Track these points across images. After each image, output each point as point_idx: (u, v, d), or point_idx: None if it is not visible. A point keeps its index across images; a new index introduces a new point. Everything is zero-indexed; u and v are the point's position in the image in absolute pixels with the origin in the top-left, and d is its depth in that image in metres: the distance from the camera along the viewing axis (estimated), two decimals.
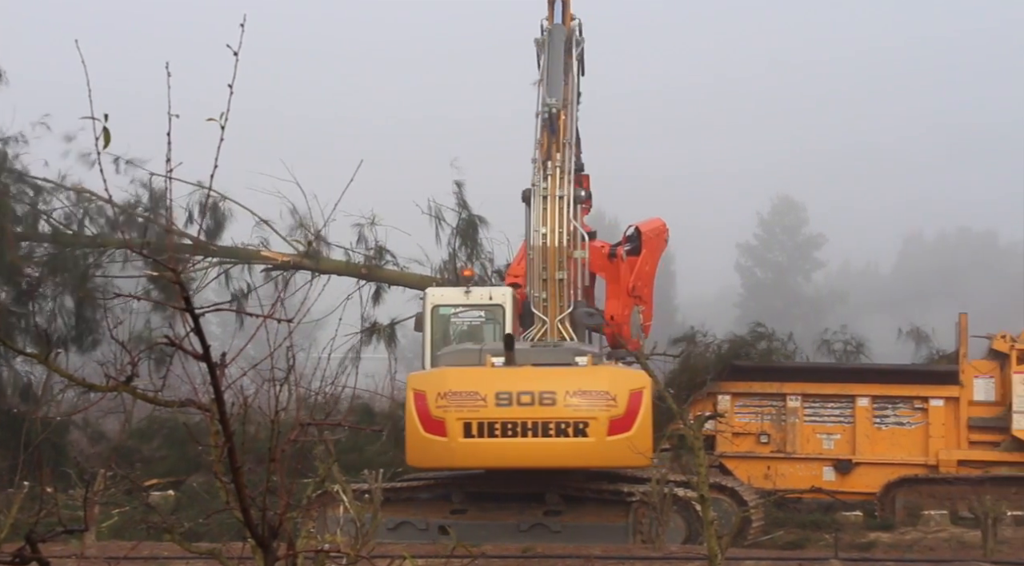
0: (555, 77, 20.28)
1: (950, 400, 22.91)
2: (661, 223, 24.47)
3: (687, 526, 17.55)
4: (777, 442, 23.36)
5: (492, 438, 16.54)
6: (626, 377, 16.73)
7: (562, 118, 19.54)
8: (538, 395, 16.49)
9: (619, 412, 16.33)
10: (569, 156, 19.26)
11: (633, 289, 23.03)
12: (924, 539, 19.16)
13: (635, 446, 16.04)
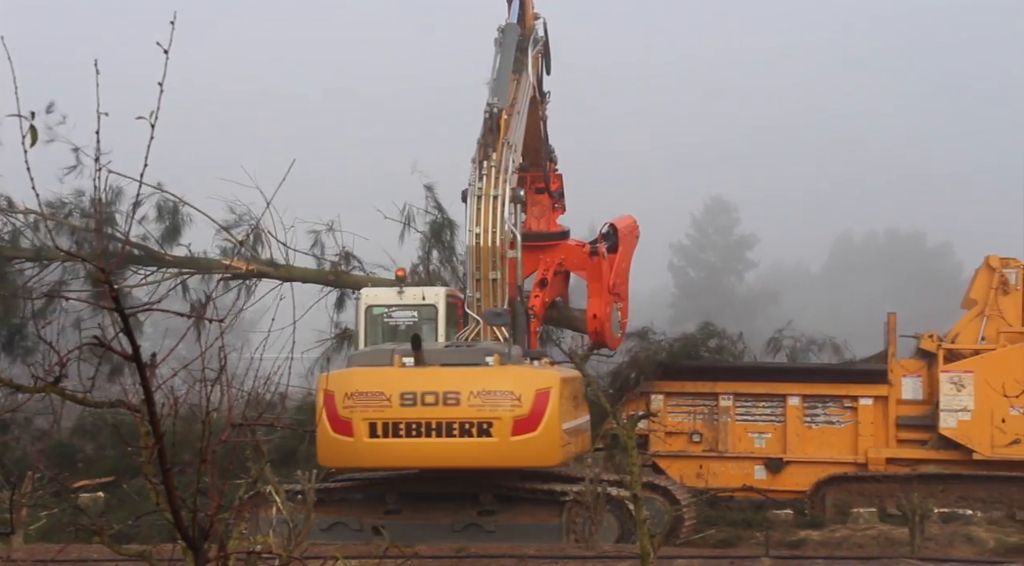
0: (502, 77, 20.21)
1: (879, 399, 23.20)
2: (632, 220, 24.58)
3: (620, 525, 17.62)
4: (709, 441, 23.53)
5: (397, 438, 16.49)
6: (532, 377, 16.63)
7: (504, 118, 19.47)
8: (442, 395, 16.43)
9: (524, 412, 16.24)
10: (507, 156, 19.16)
11: (613, 286, 23.19)
12: (853, 536, 19.35)
13: (541, 446, 16.06)
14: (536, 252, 23.71)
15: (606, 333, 23.06)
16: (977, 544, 18.71)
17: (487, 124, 19.44)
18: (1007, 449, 21.72)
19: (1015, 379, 20.42)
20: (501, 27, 21.10)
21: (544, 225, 23.84)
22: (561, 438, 16.57)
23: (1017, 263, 23.42)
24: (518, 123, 20.10)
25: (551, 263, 23.49)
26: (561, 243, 23.71)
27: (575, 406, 17.91)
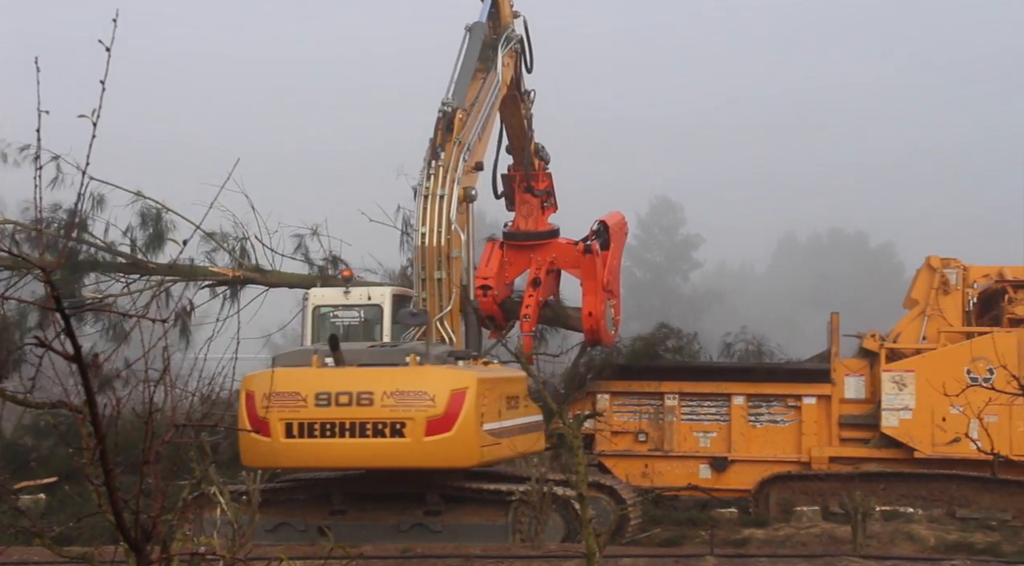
0: (462, 77, 20.15)
1: (822, 398, 23.40)
2: (621, 216, 24.64)
3: (566, 524, 17.64)
4: (655, 440, 23.64)
5: (312, 438, 16.43)
6: (448, 377, 16.49)
7: (458, 117, 19.43)
8: (356, 395, 16.36)
9: (438, 412, 16.17)
10: (456, 155, 19.08)
11: (607, 284, 23.23)
12: (797, 535, 19.48)
13: (456, 447, 16.04)
14: (527, 251, 23.81)
15: (601, 331, 23.18)
16: (918, 542, 18.91)
17: (440, 123, 19.39)
18: (947, 448, 21.96)
19: (955, 378, 20.64)
20: (469, 26, 21.05)
21: (532, 224, 23.87)
22: (479, 439, 16.43)
23: (957, 263, 23.71)
24: (477, 123, 19.97)
25: (543, 262, 23.59)
26: (552, 242, 23.81)
27: (511, 406, 17.81)
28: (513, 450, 17.84)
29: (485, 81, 20.79)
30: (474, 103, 20.15)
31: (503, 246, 23.75)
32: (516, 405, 18.09)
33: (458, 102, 19.49)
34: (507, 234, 23.89)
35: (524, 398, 18.52)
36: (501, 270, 23.61)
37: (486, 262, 23.58)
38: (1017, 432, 21.29)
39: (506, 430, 17.53)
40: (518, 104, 22.71)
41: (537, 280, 23.14)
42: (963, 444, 20.98)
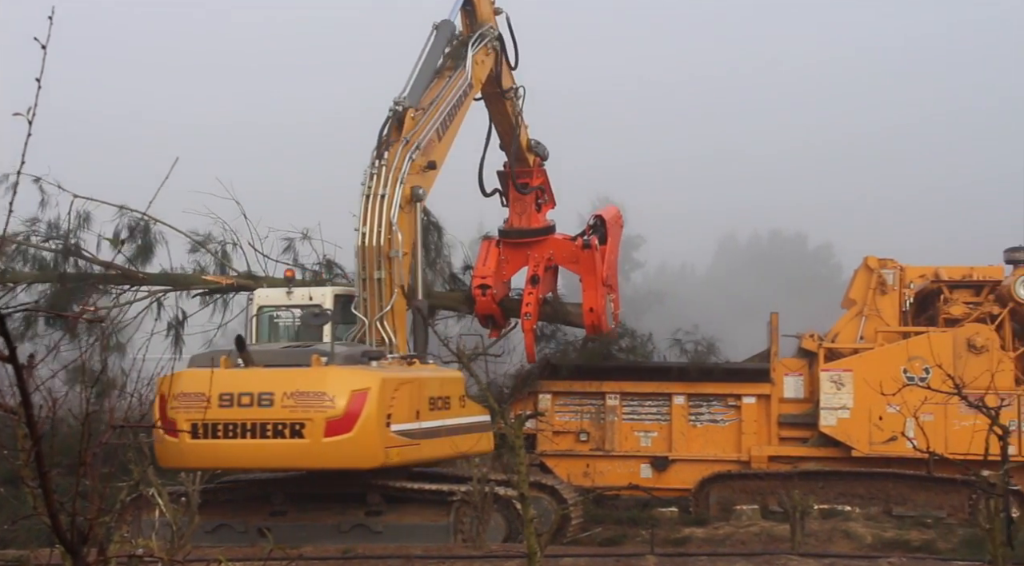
0: (421, 76, 20.09)
1: (762, 397, 23.60)
2: (616, 209, 24.77)
3: (508, 525, 17.66)
4: (596, 440, 23.73)
5: (216, 439, 16.38)
6: (348, 378, 16.41)
7: (409, 116, 19.38)
8: (257, 396, 16.32)
9: (337, 413, 16.12)
10: (403, 154, 19.03)
11: (606, 278, 23.27)
12: (736, 533, 19.64)
13: (356, 447, 16.01)
14: (524, 248, 23.87)
15: (603, 325, 23.34)
16: (855, 539, 19.11)
17: (389, 122, 19.36)
18: (884, 446, 22.20)
19: (892, 377, 20.92)
20: (437, 23, 21.01)
21: (526, 221, 23.95)
22: (383, 439, 16.35)
23: (894, 264, 24.00)
24: (434, 121, 19.89)
25: (540, 258, 23.68)
26: (549, 238, 23.91)
27: (436, 407, 17.71)
28: (441, 451, 17.74)
29: (451, 79, 20.74)
30: (434, 101, 20.11)
31: (499, 244, 23.84)
32: (446, 405, 17.96)
33: (412, 101, 19.46)
34: (503, 232, 23.97)
35: (461, 399, 18.42)
36: (498, 268, 23.71)
37: (483, 261, 23.66)
38: (952, 431, 21.57)
39: (429, 431, 17.40)
40: (502, 101, 22.72)
41: (536, 277, 23.32)
42: (899, 443, 21.19)
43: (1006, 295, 23.04)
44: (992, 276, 23.64)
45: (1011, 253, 23.55)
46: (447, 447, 17.76)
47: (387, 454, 16.44)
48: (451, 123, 20.52)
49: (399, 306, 18.55)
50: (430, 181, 19.94)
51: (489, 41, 21.84)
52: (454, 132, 20.76)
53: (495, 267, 23.56)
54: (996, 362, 21.74)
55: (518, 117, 23.06)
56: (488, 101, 22.76)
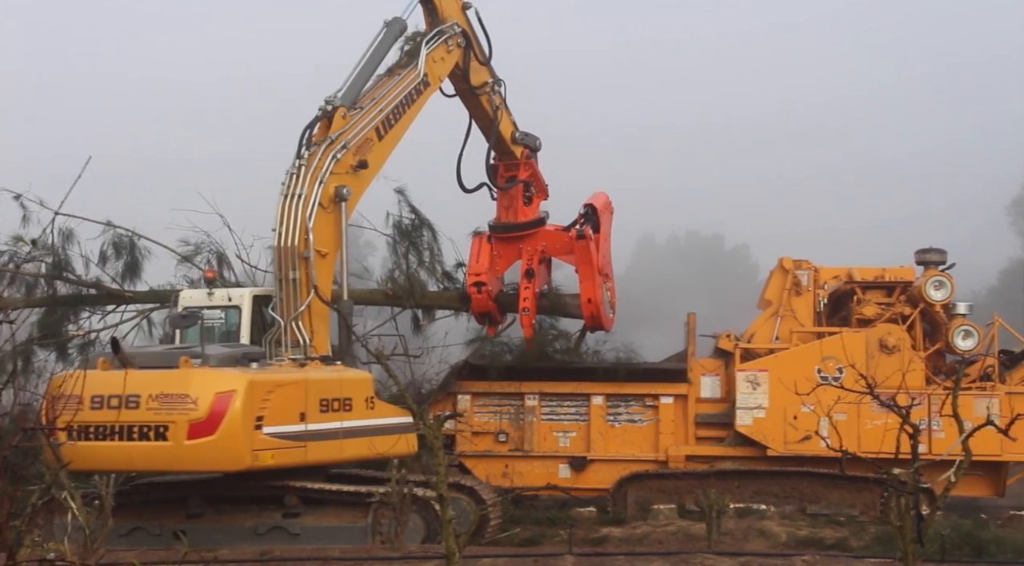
0: (361, 74, 19.86)
1: (679, 397, 23.78)
2: (606, 196, 24.62)
3: (426, 526, 17.63)
4: (515, 440, 23.77)
5: (87, 441, 16.29)
6: (213, 380, 16.30)
7: (340, 114, 19.21)
8: (124, 399, 16.24)
9: (200, 416, 16.04)
10: (324, 154, 18.82)
11: (602, 268, 23.22)
12: (654, 532, 19.74)
13: (220, 450, 15.94)
14: (515, 242, 23.87)
15: (602, 316, 23.43)
16: (770, 538, 19.29)
17: (317, 120, 19.19)
18: (799, 445, 22.47)
19: (806, 377, 21.13)
20: (388, 20, 20.85)
21: (513, 215, 23.95)
22: (250, 442, 16.23)
23: (809, 265, 24.30)
24: (371, 119, 19.71)
25: (534, 251, 23.68)
26: (540, 230, 23.92)
27: (330, 408, 17.56)
28: (339, 453, 17.61)
29: (401, 77, 20.61)
30: (375, 99, 19.97)
31: (491, 239, 23.83)
32: (345, 407, 17.80)
33: (346, 100, 19.29)
34: (493, 226, 23.96)
35: (368, 400, 18.21)
36: (492, 264, 23.70)
37: (476, 258, 23.66)
38: (865, 429, 21.89)
39: (319, 433, 17.27)
40: (476, 97, 22.61)
41: (531, 271, 23.43)
42: (814, 442, 21.54)
43: (917, 296, 23.43)
44: (903, 277, 24.04)
45: (922, 255, 23.97)
46: (352, 449, 17.63)
47: (255, 457, 16.30)
48: (397, 122, 20.34)
49: (319, 307, 18.41)
50: (364, 181, 19.74)
51: (449, 38, 21.71)
52: (401, 130, 20.56)
53: (488, 263, 23.64)
54: (907, 362, 22.10)
55: (497, 111, 22.95)
56: (462, 97, 22.73)
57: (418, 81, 20.77)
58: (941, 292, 23.24)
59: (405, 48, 21.13)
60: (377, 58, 20.31)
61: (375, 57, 20.25)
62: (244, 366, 16.82)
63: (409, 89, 20.59)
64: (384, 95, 20.15)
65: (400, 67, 20.88)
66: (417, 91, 20.80)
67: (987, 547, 17.12)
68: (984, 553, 16.72)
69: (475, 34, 22.47)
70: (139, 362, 16.64)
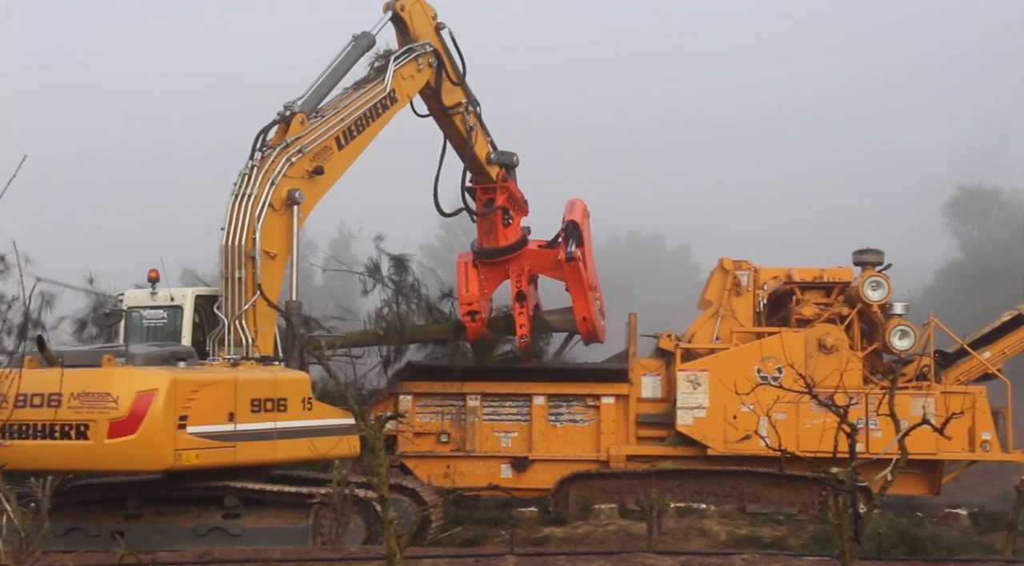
0: (324, 84, 19.91)
1: (620, 397, 23.90)
2: (582, 203, 24.71)
3: (367, 526, 17.57)
4: (457, 441, 23.78)
5: (13, 439, 16.16)
6: (134, 379, 16.14)
7: (298, 120, 19.24)
8: (47, 397, 16.12)
9: (121, 415, 15.92)
10: (277, 156, 18.87)
11: (591, 284, 23.33)
12: (595, 532, 19.80)
13: (140, 449, 15.86)
14: (501, 265, 23.97)
15: (598, 331, 23.90)
16: (710, 537, 19.42)
17: (274, 124, 19.24)
18: (738, 445, 22.65)
19: (746, 377, 21.36)
20: (356, 35, 20.82)
21: (493, 240, 23.97)
22: (172, 442, 16.07)
23: (749, 265, 24.50)
24: (330, 128, 19.75)
25: (521, 272, 23.77)
26: (524, 250, 24.00)
27: (262, 409, 17.46)
28: (273, 454, 17.51)
29: (366, 90, 20.65)
30: (338, 109, 20.00)
31: (476, 263, 23.90)
32: (280, 408, 17.68)
33: (306, 107, 19.41)
34: (477, 252, 24.03)
35: (305, 401, 18.09)
36: (480, 288, 23.88)
37: (465, 285, 23.77)
38: (803, 429, 22.08)
39: (250, 433, 17.17)
40: (450, 117, 22.56)
41: (521, 294, 23.81)
42: (753, 441, 21.69)
43: (855, 296, 23.68)
44: (842, 278, 24.29)
45: (859, 255, 24.22)
46: (287, 449, 17.53)
47: (178, 456, 16.18)
48: (359, 134, 20.39)
49: (264, 307, 18.35)
50: (319, 188, 19.74)
51: (420, 56, 21.69)
52: (363, 143, 20.59)
53: (478, 289, 23.78)
54: (845, 362, 22.33)
55: (471, 132, 22.86)
56: (435, 117, 22.69)
57: (384, 95, 20.86)
58: (878, 292, 23.50)
59: (375, 65, 21.20)
60: (342, 70, 20.38)
61: (340, 68, 20.35)
62: (171, 365, 16.70)
63: (374, 102, 20.69)
64: (347, 106, 20.28)
65: (367, 81, 20.94)
66: (383, 106, 20.86)
67: (923, 545, 17.33)
68: (920, 551, 16.92)
69: (448, 54, 22.43)
70: (65, 361, 16.47)
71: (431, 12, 22.12)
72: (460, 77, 22.67)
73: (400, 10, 21.42)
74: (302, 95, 19.65)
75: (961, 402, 21.49)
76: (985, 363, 23.86)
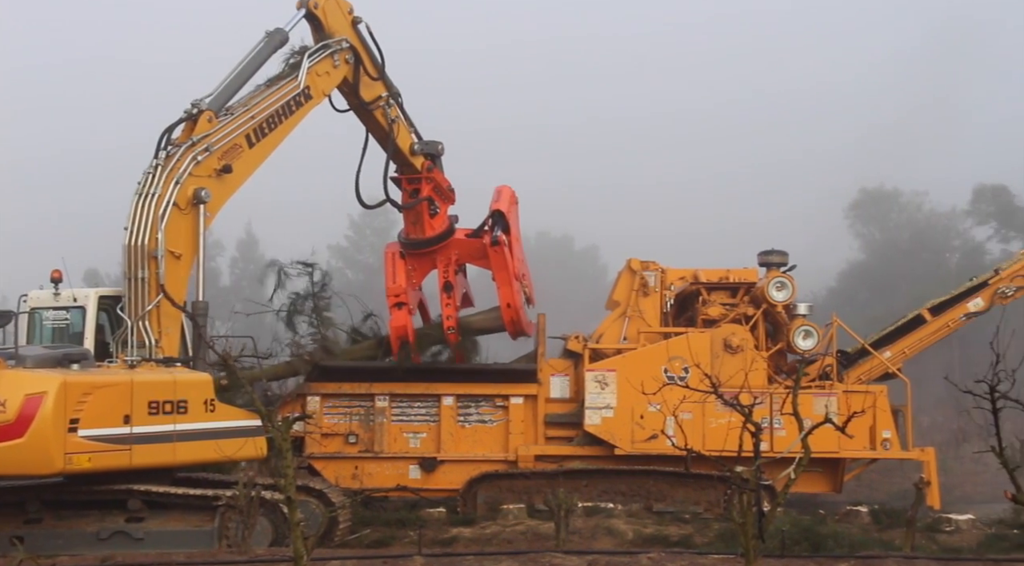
0: (234, 81, 19.69)
1: (529, 398, 23.95)
2: (510, 190, 24.52)
3: (274, 529, 17.43)
4: (365, 442, 23.67)
5: None
6: (22, 382, 15.94)
7: (205, 118, 18.97)
8: None
9: (8, 418, 15.72)
10: (183, 155, 18.61)
11: (516, 271, 23.20)
12: (503, 532, 19.83)
13: (29, 453, 15.66)
14: (428, 255, 23.71)
15: (522, 321, 23.62)
16: (617, 536, 19.54)
17: (181, 122, 18.97)
18: (645, 444, 22.81)
19: (653, 377, 21.51)
20: (270, 31, 20.57)
21: (420, 231, 23.69)
22: (62, 445, 15.88)
23: (656, 266, 24.69)
24: (239, 126, 19.51)
25: (448, 262, 23.51)
26: (451, 239, 23.79)
27: (159, 411, 17.25)
28: (173, 456, 17.30)
29: (279, 86, 20.44)
30: (247, 107, 19.78)
31: (403, 254, 23.71)
32: (180, 409, 17.48)
33: (215, 105, 19.17)
34: (404, 242, 23.82)
35: (208, 403, 17.89)
36: (408, 279, 23.67)
37: (392, 276, 23.61)
38: (709, 428, 22.30)
39: (147, 436, 16.96)
40: (371, 112, 22.34)
41: (448, 284, 23.63)
42: (660, 441, 21.86)
43: (760, 297, 23.97)
44: (747, 279, 24.56)
45: (764, 256, 24.52)
46: (188, 452, 17.32)
47: (68, 460, 15.94)
48: (271, 131, 20.20)
49: (168, 308, 18.11)
50: (228, 187, 19.54)
51: (336, 53, 21.49)
52: (276, 140, 20.42)
53: (405, 280, 23.62)
54: (750, 361, 22.59)
55: (393, 124, 22.67)
56: (355, 112, 22.48)
57: (297, 93, 20.69)
58: (783, 293, 23.81)
59: (290, 61, 20.99)
60: (253, 67, 20.19)
61: (251, 65, 20.15)
62: (63, 367, 16.41)
63: (287, 100, 20.51)
64: (258, 103, 20.09)
65: (280, 78, 20.74)
66: (296, 103, 20.68)
67: (824, 542, 17.60)
68: (822, 548, 17.18)
69: (366, 48, 22.26)
70: None
71: (346, 7, 21.95)
72: (379, 71, 22.54)
73: (314, 7, 21.26)
74: (211, 92, 19.44)
75: (862, 401, 21.79)
76: (886, 363, 24.29)
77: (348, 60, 21.80)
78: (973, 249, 71.12)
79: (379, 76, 22.54)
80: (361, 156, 22.54)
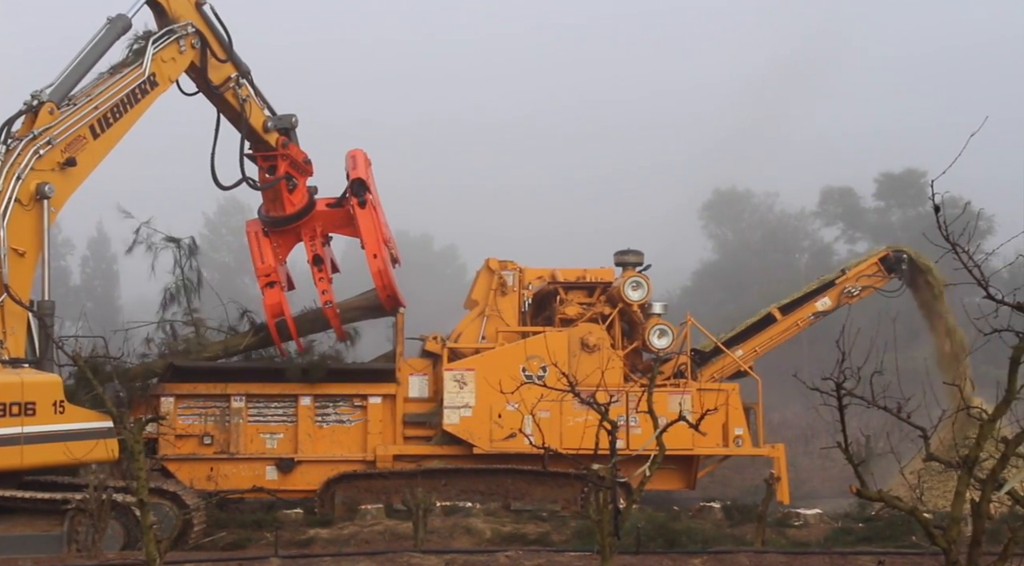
0: (74, 71, 19.10)
1: (387, 397, 23.89)
2: (363, 155, 24.30)
3: (126, 532, 17.12)
4: (221, 443, 23.35)
5: None
6: None
7: (46, 109, 18.44)
8: None
9: None
10: (23, 149, 18.11)
11: (384, 233, 23.23)
12: (361, 533, 19.75)
13: None
14: (292, 231, 23.63)
15: (394, 285, 23.58)
16: (475, 535, 19.60)
17: (21, 114, 18.42)
18: (504, 443, 22.93)
19: (511, 376, 21.65)
20: (112, 17, 19.97)
21: (279, 208, 23.54)
22: None
23: (514, 266, 24.84)
24: (83, 116, 18.98)
25: (313, 235, 23.34)
26: (314, 212, 23.67)
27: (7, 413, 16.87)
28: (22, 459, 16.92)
29: (123, 74, 19.95)
30: (90, 97, 19.25)
31: (267, 232, 23.52)
32: (28, 412, 17.07)
33: (56, 95, 18.65)
34: (266, 220, 23.62)
35: (57, 404, 17.50)
36: (275, 256, 23.56)
37: (260, 256, 23.52)
38: (567, 427, 22.50)
39: None
40: (221, 94, 21.93)
41: (318, 257, 23.47)
42: (518, 439, 22.01)
43: (616, 296, 24.28)
44: (603, 278, 24.86)
45: (620, 256, 24.85)
46: (36, 455, 16.91)
47: None
48: (116, 121, 19.71)
49: (13, 307, 17.61)
50: (72, 180, 19.01)
51: (181, 38, 21.06)
52: (121, 130, 19.94)
53: (272, 258, 23.52)
54: (607, 360, 22.87)
55: (244, 104, 22.31)
56: (205, 95, 22.07)
57: (142, 80, 20.27)
58: (638, 292, 24.15)
59: (134, 47, 20.53)
60: (95, 55, 19.68)
61: (92, 54, 19.63)
62: None
63: (132, 88, 20.07)
64: (102, 93, 19.60)
65: (124, 65, 20.27)
66: (142, 90, 20.26)
67: (679, 538, 17.89)
68: (676, 544, 17.45)
69: (213, 30, 21.91)
70: None
71: None
72: (227, 52, 22.24)
73: None
74: (51, 83, 18.90)
75: (715, 399, 22.31)
76: (738, 361, 24.82)
77: (194, 45, 21.51)
78: (821, 250, 73.12)
79: (227, 57, 22.28)
80: (214, 139, 22.24)
